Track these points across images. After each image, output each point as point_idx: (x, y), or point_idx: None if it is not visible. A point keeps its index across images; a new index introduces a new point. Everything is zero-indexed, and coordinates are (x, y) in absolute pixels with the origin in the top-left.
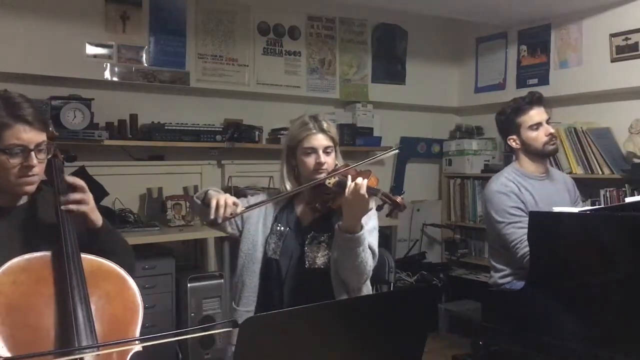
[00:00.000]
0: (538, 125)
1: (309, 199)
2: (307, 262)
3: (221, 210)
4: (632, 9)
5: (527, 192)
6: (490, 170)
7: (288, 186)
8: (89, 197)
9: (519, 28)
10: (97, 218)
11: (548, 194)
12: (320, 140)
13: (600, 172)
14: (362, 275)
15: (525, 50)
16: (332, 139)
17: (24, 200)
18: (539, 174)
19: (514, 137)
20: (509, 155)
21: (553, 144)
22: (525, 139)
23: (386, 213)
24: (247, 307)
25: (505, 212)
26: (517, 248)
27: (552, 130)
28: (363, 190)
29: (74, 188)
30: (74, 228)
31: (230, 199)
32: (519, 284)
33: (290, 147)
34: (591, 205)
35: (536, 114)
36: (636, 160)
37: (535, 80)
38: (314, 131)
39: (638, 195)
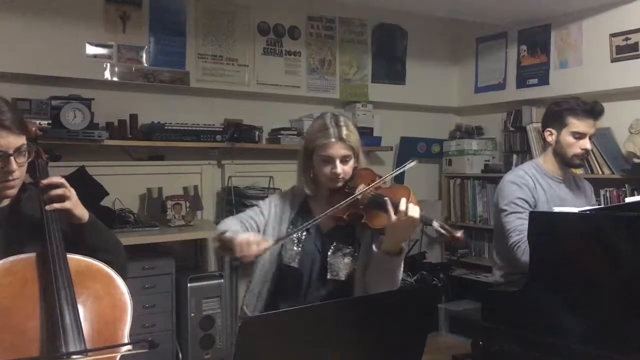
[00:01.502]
0: (581, 135)
1: (336, 210)
2: (330, 273)
3: (245, 255)
4: (632, 9)
5: (541, 189)
6: (490, 170)
7: (307, 190)
8: (72, 192)
9: (519, 28)
10: (83, 213)
11: (561, 197)
12: (337, 149)
13: (600, 172)
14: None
15: (525, 50)
16: (351, 147)
17: (6, 201)
18: (557, 176)
19: (553, 131)
20: (509, 155)
21: (581, 160)
22: (562, 140)
23: (445, 247)
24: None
25: (512, 202)
26: (510, 236)
27: (589, 147)
28: (417, 216)
29: (54, 186)
30: (59, 228)
31: (254, 240)
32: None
33: (308, 148)
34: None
35: (586, 125)
36: (636, 160)
37: (535, 80)
38: (333, 140)
39: (638, 195)
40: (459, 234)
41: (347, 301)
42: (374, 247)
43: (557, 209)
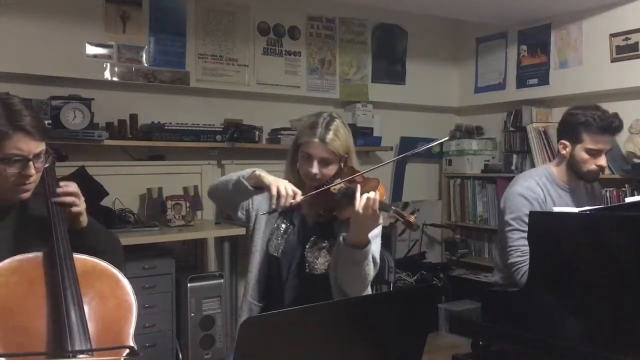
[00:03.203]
0: (596, 152)
1: (312, 203)
2: (307, 267)
3: (282, 201)
4: (632, 9)
5: (551, 200)
6: (490, 170)
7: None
8: (82, 199)
9: (519, 28)
10: (85, 219)
11: (569, 207)
12: (317, 150)
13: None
14: (363, 286)
15: (525, 50)
16: (332, 152)
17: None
18: (571, 186)
19: (568, 144)
20: (509, 155)
21: (596, 176)
22: (576, 154)
23: (398, 232)
24: (259, 302)
25: (519, 218)
26: (510, 255)
27: (604, 164)
28: (376, 206)
29: (69, 193)
30: (65, 227)
31: (290, 186)
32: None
33: (295, 144)
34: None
35: (601, 142)
36: (636, 160)
37: (535, 80)
38: (315, 140)
39: (638, 195)
40: (412, 218)
41: (347, 301)
42: (340, 238)
43: (557, 209)
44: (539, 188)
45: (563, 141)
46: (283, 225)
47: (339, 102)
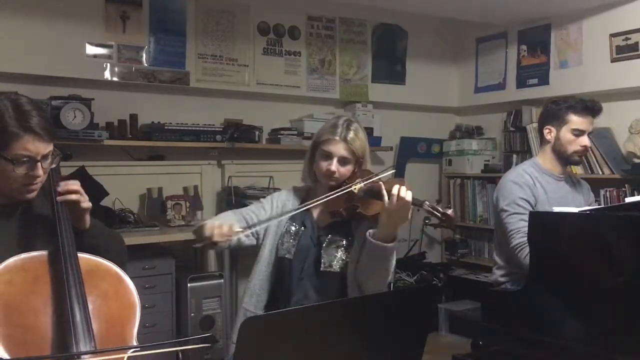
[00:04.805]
0: (581, 132)
1: (331, 204)
2: (322, 265)
3: (216, 231)
4: (632, 9)
5: (540, 188)
6: (490, 170)
7: (306, 181)
8: (86, 197)
9: (519, 28)
10: (88, 220)
11: (560, 195)
12: (338, 148)
13: (600, 172)
14: (384, 283)
15: (525, 50)
16: (352, 152)
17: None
18: (557, 173)
19: (552, 128)
20: (509, 155)
21: (580, 157)
22: (561, 137)
23: (435, 225)
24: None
25: (514, 202)
26: (513, 237)
27: (588, 144)
28: (409, 200)
29: (72, 191)
30: (70, 227)
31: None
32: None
33: (315, 142)
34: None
35: (585, 122)
36: (636, 160)
37: (535, 80)
38: (336, 138)
39: (638, 195)
40: (449, 211)
41: (347, 301)
42: (367, 234)
43: (557, 209)
44: (527, 175)
45: (548, 127)
46: (293, 228)
47: (339, 102)
